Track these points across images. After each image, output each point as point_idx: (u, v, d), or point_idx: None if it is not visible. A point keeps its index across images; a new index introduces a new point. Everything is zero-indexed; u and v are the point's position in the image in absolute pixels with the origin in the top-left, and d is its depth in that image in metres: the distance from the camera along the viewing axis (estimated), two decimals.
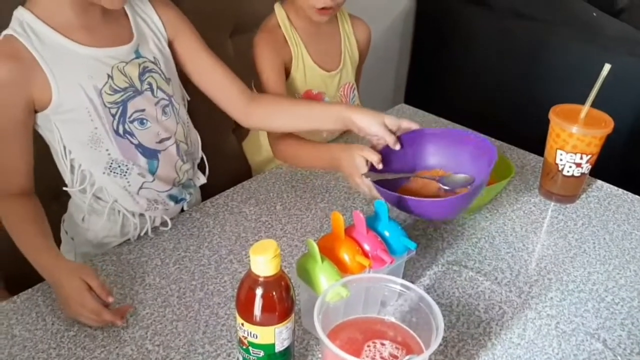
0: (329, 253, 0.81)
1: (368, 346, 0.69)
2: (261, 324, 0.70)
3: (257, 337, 0.71)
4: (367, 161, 0.98)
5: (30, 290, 0.90)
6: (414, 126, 1.01)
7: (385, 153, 0.99)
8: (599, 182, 1.21)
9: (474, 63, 2.18)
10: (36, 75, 0.88)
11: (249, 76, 1.20)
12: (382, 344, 0.69)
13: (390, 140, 0.98)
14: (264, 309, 0.70)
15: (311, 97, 1.26)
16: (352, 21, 1.32)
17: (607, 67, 1.05)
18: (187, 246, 1.00)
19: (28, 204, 0.95)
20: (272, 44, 1.20)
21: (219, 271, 0.95)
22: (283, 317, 0.71)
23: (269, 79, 1.18)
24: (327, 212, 1.08)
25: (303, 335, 0.83)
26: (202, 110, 1.16)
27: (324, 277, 0.77)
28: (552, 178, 1.13)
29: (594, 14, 2.01)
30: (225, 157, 1.34)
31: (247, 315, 0.70)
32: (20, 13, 0.88)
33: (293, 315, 0.72)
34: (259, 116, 1.11)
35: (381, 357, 0.67)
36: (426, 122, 1.42)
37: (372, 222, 0.87)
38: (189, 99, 1.11)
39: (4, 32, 0.88)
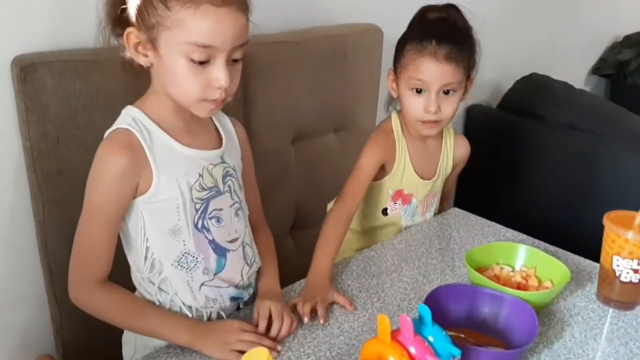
0: (375, 357, 0.82)
1: None
2: None
3: None
4: None
5: None
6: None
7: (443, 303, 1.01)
8: None
9: (525, 172, 2.22)
10: (143, 167, 0.97)
11: (310, 178, 1.27)
12: None
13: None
14: None
15: (401, 195, 1.39)
16: (455, 138, 1.46)
17: None
18: None
19: (118, 287, 1.02)
20: (383, 144, 1.35)
21: None
22: None
23: (362, 171, 1.32)
24: (383, 312, 1.10)
25: None
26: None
27: None
28: (610, 284, 1.12)
29: None
30: (281, 259, 1.39)
31: None
32: (132, 111, 1.00)
33: None
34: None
35: None
36: (479, 226, 1.45)
37: (415, 327, 0.86)
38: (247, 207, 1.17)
39: (120, 126, 0.99)
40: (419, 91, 1.27)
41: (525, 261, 1.19)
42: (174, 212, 1.01)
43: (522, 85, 2.34)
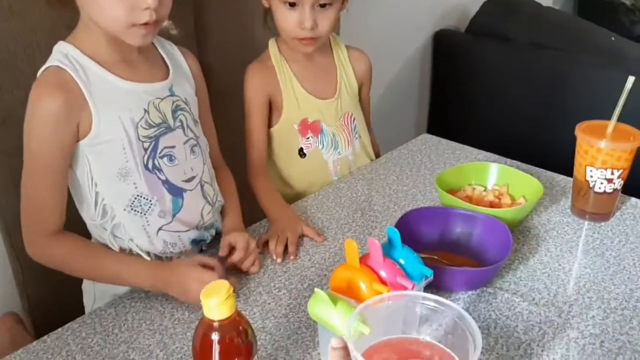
0: (345, 283, 0.79)
1: None
2: None
3: None
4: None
5: (60, 329, 0.89)
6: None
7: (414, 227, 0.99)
8: (633, 199, 1.18)
9: (495, 93, 2.19)
10: (81, 106, 0.90)
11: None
12: None
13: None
14: (223, 355, 0.65)
15: (308, 126, 1.27)
16: (349, 52, 1.32)
17: (631, 80, 1.04)
18: None
19: (74, 236, 0.96)
20: (260, 75, 1.24)
21: (247, 303, 0.93)
22: None
23: (252, 112, 1.23)
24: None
25: None
26: (225, 154, 1.19)
27: (341, 320, 0.72)
28: (584, 196, 1.10)
29: (613, 39, 2.01)
30: (247, 199, 1.35)
31: None
32: (63, 47, 0.92)
33: (256, 357, 0.69)
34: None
35: None
36: (450, 150, 1.41)
37: (385, 250, 0.83)
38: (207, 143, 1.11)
39: (49, 64, 0.91)
40: (292, 5, 1.14)
41: (497, 179, 1.16)
42: (120, 153, 0.94)
43: (489, 7, 2.27)
